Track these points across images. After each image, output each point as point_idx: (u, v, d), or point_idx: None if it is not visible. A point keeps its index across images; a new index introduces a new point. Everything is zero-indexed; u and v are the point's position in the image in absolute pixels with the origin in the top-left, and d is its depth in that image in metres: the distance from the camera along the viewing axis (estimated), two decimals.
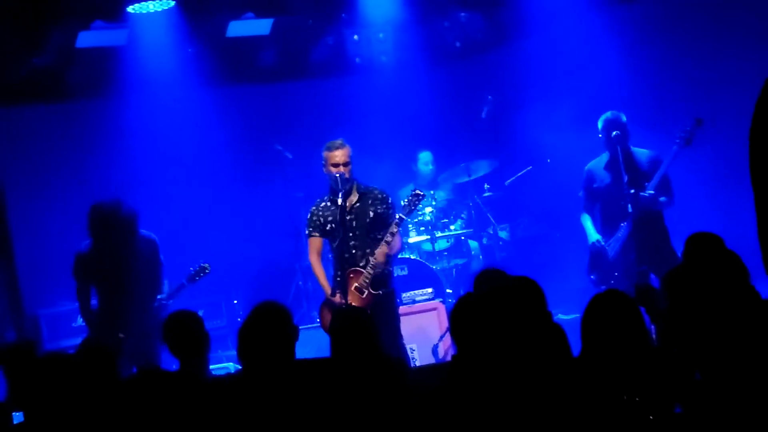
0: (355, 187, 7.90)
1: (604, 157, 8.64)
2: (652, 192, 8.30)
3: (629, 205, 8.32)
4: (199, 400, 5.17)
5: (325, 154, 7.83)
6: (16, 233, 9.76)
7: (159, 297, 7.91)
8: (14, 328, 9.30)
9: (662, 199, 8.40)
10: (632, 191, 8.28)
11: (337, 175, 7.73)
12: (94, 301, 7.86)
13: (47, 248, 9.67)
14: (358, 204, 7.88)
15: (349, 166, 7.82)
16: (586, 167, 8.77)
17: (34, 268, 9.73)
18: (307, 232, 8.02)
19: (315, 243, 7.97)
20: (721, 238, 5.79)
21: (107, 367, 5.43)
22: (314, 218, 7.95)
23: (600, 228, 8.65)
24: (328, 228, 7.89)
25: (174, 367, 5.93)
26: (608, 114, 8.52)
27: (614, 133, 8.38)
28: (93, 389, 5.13)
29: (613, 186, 8.53)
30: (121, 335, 7.62)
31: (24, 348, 6.26)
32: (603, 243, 8.54)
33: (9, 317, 9.37)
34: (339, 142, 7.84)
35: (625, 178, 8.33)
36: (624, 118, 8.48)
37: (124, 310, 7.70)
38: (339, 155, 7.77)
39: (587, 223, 8.71)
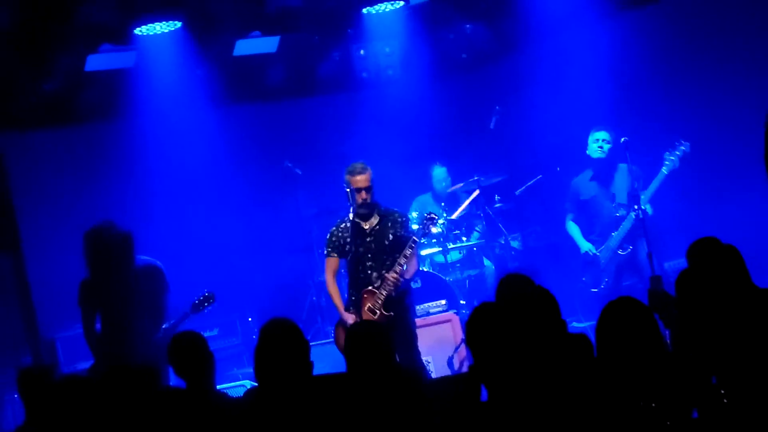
0: (376, 210, 7.97)
1: (589, 171, 9.39)
2: (649, 209, 9.01)
3: (623, 218, 9.12)
4: (213, 419, 5.18)
5: (347, 177, 7.91)
6: (30, 257, 9.78)
7: (163, 327, 7.73)
8: (30, 352, 9.31)
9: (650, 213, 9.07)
10: (628, 206, 9.04)
11: (360, 200, 7.83)
12: (99, 328, 7.82)
13: (62, 272, 9.65)
14: (378, 227, 7.96)
15: (371, 190, 7.89)
16: (573, 181, 9.52)
17: (50, 291, 9.71)
18: (325, 252, 8.10)
19: (331, 263, 8.05)
20: (718, 239, 5.81)
21: (150, 385, 5.46)
22: (333, 239, 8.02)
23: (587, 237, 9.48)
24: (347, 249, 7.95)
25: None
26: (600, 129, 9.27)
27: (600, 145, 9.20)
28: (122, 409, 5.15)
29: (601, 198, 9.29)
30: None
31: (41, 372, 6.27)
32: (594, 252, 9.36)
33: (25, 341, 9.37)
34: (360, 166, 7.91)
35: (615, 191, 9.21)
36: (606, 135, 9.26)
37: (127, 337, 7.59)
38: (361, 180, 7.85)
39: (575, 233, 9.52)
